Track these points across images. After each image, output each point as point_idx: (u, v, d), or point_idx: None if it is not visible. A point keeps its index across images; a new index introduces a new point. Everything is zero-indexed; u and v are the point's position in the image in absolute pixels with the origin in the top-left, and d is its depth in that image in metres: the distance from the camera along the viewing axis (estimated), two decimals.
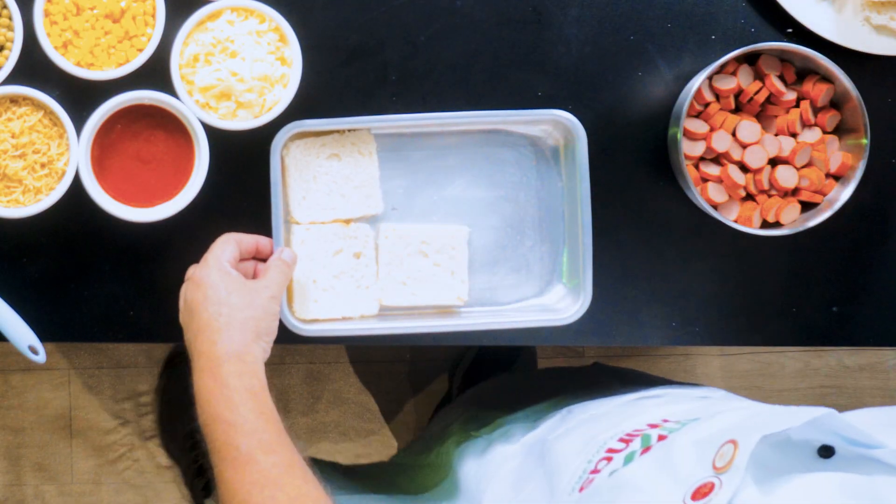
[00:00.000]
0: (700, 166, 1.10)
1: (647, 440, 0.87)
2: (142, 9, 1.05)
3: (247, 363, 0.93)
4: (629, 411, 1.02)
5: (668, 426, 0.89)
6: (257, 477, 0.86)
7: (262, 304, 0.97)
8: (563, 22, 1.12)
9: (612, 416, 1.02)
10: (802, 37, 1.12)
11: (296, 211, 1.08)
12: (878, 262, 1.16)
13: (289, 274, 1.02)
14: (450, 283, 1.10)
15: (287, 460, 0.87)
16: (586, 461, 0.90)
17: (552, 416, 1.09)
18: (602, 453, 0.89)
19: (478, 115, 1.09)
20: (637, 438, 0.88)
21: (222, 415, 0.89)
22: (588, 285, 1.08)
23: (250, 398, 0.90)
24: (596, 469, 0.88)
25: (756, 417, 0.83)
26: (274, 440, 0.88)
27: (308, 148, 1.08)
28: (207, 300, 0.95)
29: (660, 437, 0.86)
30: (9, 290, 1.10)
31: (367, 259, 1.09)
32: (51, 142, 1.04)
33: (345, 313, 1.09)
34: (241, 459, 0.87)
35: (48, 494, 2.04)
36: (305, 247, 1.08)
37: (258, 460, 0.86)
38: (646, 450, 0.86)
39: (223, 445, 0.88)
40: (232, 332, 0.94)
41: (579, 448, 0.93)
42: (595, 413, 1.05)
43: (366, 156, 1.09)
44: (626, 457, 0.86)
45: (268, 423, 0.89)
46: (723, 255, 1.15)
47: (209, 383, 0.92)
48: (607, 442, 0.91)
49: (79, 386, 2.02)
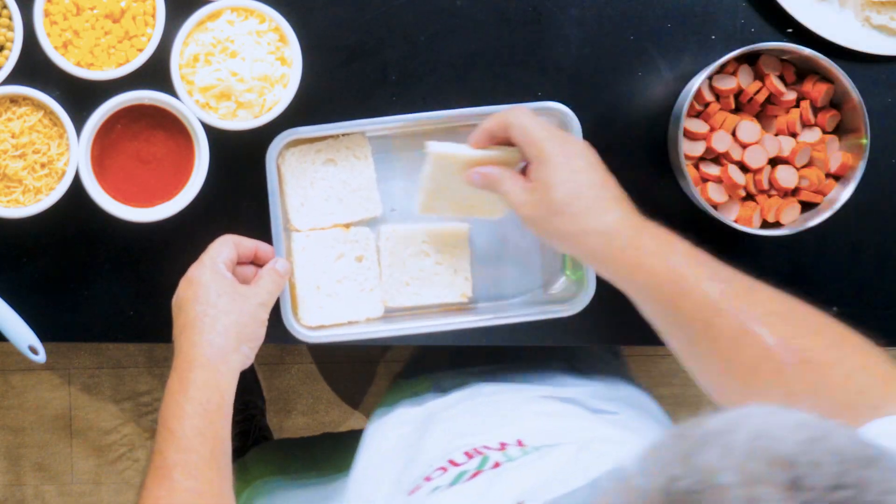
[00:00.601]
0: (700, 166, 1.10)
1: (484, 463, 0.88)
2: (142, 9, 1.05)
3: (218, 372, 0.94)
4: (509, 415, 1.03)
5: (511, 452, 0.89)
6: (165, 494, 0.88)
7: (250, 310, 0.98)
8: (563, 22, 1.12)
9: (494, 412, 1.03)
10: (802, 37, 1.12)
11: (295, 218, 1.08)
12: (878, 262, 1.16)
13: (281, 284, 1.03)
14: (453, 280, 1.10)
15: (200, 488, 0.88)
16: (428, 464, 0.92)
17: (462, 390, 1.10)
18: (443, 462, 0.91)
19: (471, 111, 1.08)
20: (478, 457, 0.89)
21: (168, 422, 0.92)
22: (591, 275, 1.08)
23: (200, 414, 0.91)
24: (430, 477, 0.89)
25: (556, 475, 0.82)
26: (200, 464, 0.89)
27: (303, 155, 1.08)
28: (196, 299, 0.97)
29: (495, 465, 0.87)
30: (9, 290, 1.10)
31: (369, 262, 1.09)
32: (51, 142, 1.05)
33: (350, 317, 1.09)
34: (162, 471, 0.89)
35: (48, 494, 2.04)
36: (307, 253, 1.08)
37: (174, 479, 0.88)
38: (476, 473, 0.86)
39: (157, 450, 0.91)
40: (214, 335, 0.95)
41: (438, 443, 0.95)
42: (492, 400, 1.06)
43: (361, 159, 1.09)
44: (456, 475, 0.87)
45: (203, 444, 0.90)
46: (723, 255, 1.14)
47: (174, 385, 0.94)
48: (453, 452, 0.91)
49: (79, 386, 2.02)
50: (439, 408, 1.07)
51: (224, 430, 0.93)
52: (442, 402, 1.08)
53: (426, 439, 0.99)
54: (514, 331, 1.12)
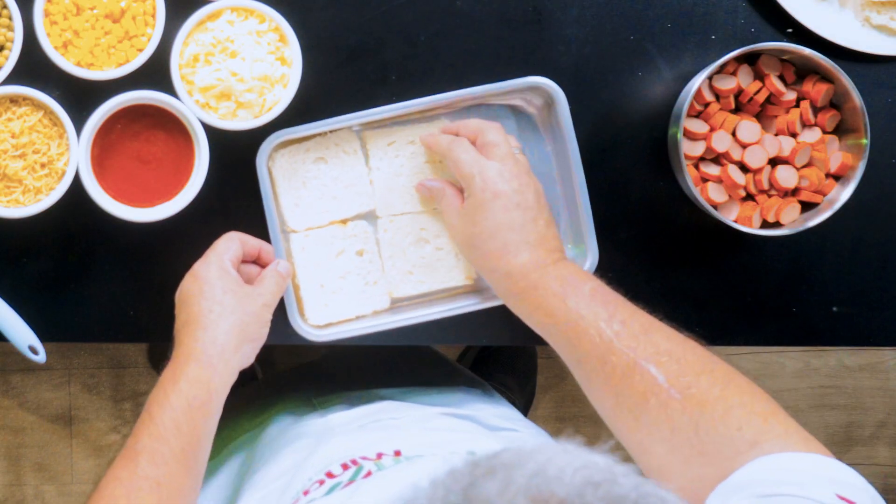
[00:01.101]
0: (700, 166, 1.10)
1: (357, 473, 0.89)
2: (142, 9, 1.05)
3: (215, 371, 0.94)
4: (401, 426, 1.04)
5: (385, 462, 0.90)
6: (125, 475, 0.89)
7: (255, 309, 0.98)
8: (563, 22, 1.12)
9: (387, 426, 1.04)
10: (802, 37, 1.12)
11: (290, 219, 1.08)
12: (878, 262, 1.16)
13: (283, 285, 1.03)
14: (456, 264, 1.10)
15: (161, 478, 0.88)
16: (308, 478, 0.92)
17: (373, 403, 1.10)
18: (321, 475, 0.91)
19: (455, 93, 1.08)
20: (353, 468, 0.90)
21: (151, 408, 0.92)
22: (593, 244, 1.08)
23: (183, 407, 0.91)
24: (307, 490, 0.90)
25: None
26: (168, 455, 0.89)
27: (293, 155, 1.08)
28: (202, 295, 0.97)
29: (367, 474, 0.88)
30: (9, 290, 1.10)
31: (371, 255, 1.09)
32: (51, 142, 1.04)
33: (357, 312, 1.09)
34: (130, 453, 0.90)
35: (48, 494, 2.04)
36: (306, 253, 1.08)
37: (138, 463, 0.89)
38: (349, 483, 0.87)
39: (134, 432, 0.92)
40: (216, 333, 0.95)
41: (323, 457, 0.95)
42: (395, 416, 1.07)
43: (351, 154, 1.09)
44: (330, 487, 0.88)
45: (178, 437, 0.90)
46: (723, 255, 1.15)
47: (167, 374, 0.94)
48: (332, 464, 0.92)
49: (79, 386, 2.02)
50: (340, 422, 1.07)
51: (204, 428, 0.93)
52: (345, 416, 1.08)
53: (315, 454, 0.98)
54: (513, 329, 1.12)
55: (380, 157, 1.09)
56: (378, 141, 1.10)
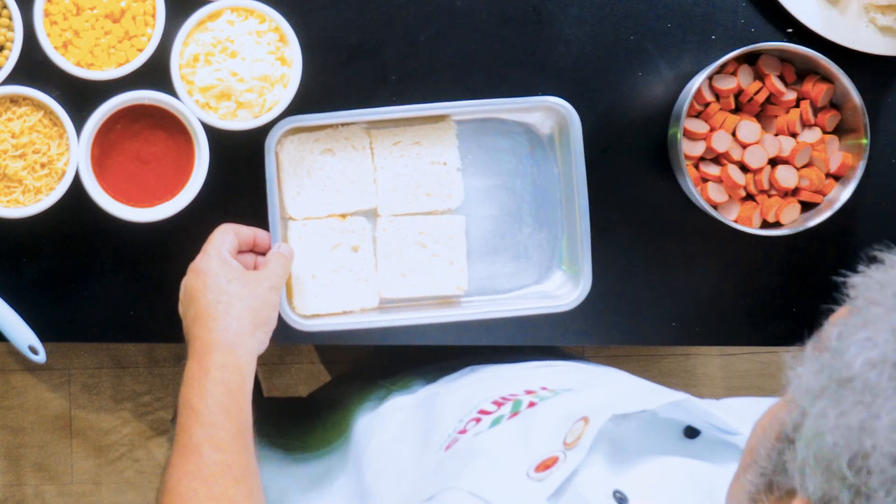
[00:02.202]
0: (700, 166, 1.10)
1: (518, 405, 0.88)
2: (142, 9, 1.05)
3: (236, 355, 0.94)
4: (519, 375, 1.03)
5: (542, 394, 0.90)
6: (193, 469, 0.88)
7: (262, 293, 0.98)
8: (563, 22, 1.12)
9: (502, 379, 1.03)
10: (802, 37, 1.12)
11: (291, 207, 1.08)
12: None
13: (288, 267, 1.03)
14: (449, 272, 1.10)
15: (229, 461, 0.89)
16: (458, 420, 0.92)
17: (456, 373, 1.09)
18: (474, 413, 0.91)
19: (471, 104, 1.09)
20: (509, 403, 0.89)
21: (191, 401, 0.91)
22: (587, 270, 1.08)
23: (223, 392, 0.91)
24: (464, 429, 0.89)
25: (616, 396, 0.84)
26: (226, 438, 0.89)
27: (302, 144, 1.08)
28: (207, 288, 0.97)
29: (530, 404, 0.88)
30: (9, 290, 1.10)
31: (366, 252, 1.09)
32: (51, 142, 1.04)
33: (345, 307, 1.09)
34: (189, 448, 0.89)
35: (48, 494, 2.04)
36: (303, 242, 1.08)
37: (202, 454, 0.88)
38: (514, 415, 0.87)
39: (181, 430, 0.91)
40: (229, 321, 0.95)
41: (458, 405, 0.95)
42: (494, 374, 1.06)
43: (359, 150, 1.09)
44: (493, 420, 0.88)
45: (228, 420, 0.90)
46: (723, 255, 1.15)
47: (194, 368, 0.94)
48: (481, 403, 0.92)
49: (79, 386, 2.02)
50: (435, 390, 1.06)
51: (247, 408, 0.93)
52: (435, 387, 1.08)
53: (439, 409, 0.98)
54: (511, 328, 1.12)
55: (384, 157, 1.10)
56: (384, 140, 1.10)
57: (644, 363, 2.00)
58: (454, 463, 0.86)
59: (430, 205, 1.10)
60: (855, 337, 0.54)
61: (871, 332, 0.53)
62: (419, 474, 0.92)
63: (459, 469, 0.83)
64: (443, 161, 1.10)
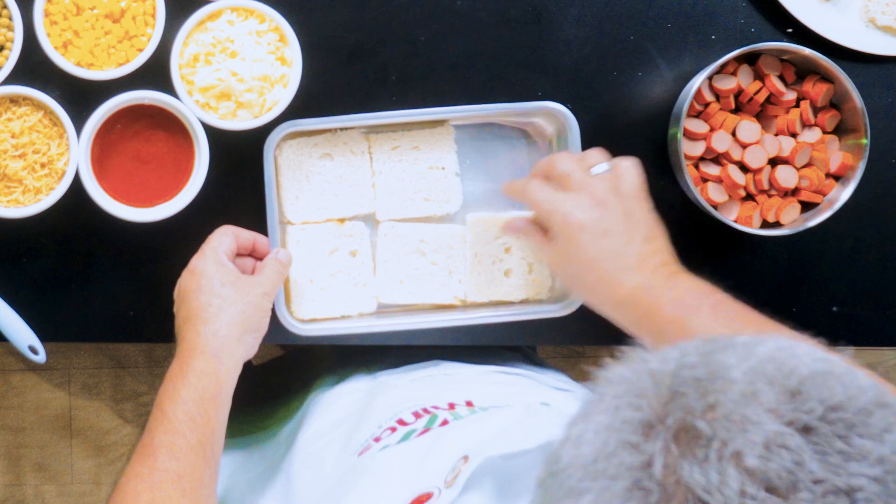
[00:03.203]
0: (700, 166, 1.10)
1: (432, 421, 0.88)
2: (142, 9, 1.05)
3: (220, 362, 0.94)
4: (461, 382, 1.03)
5: (460, 411, 0.90)
6: (145, 472, 0.88)
7: (254, 299, 0.98)
8: (563, 22, 1.12)
9: (444, 382, 1.03)
10: (802, 37, 1.12)
11: (289, 211, 1.08)
12: (878, 262, 1.16)
13: (283, 273, 1.03)
14: (447, 282, 1.10)
15: (181, 471, 0.88)
16: (377, 425, 0.92)
17: (419, 364, 1.10)
18: (392, 422, 0.91)
19: (469, 108, 1.09)
20: (426, 416, 0.89)
21: (162, 403, 0.92)
22: None
23: (195, 400, 0.92)
24: (379, 437, 0.90)
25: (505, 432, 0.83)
26: (185, 448, 0.89)
27: (300, 148, 1.08)
28: (200, 289, 0.97)
29: (443, 422, 0.87)
30: (9, 290, 1.10)
31: (364, 257, 1.09)
32: (51, 142, 1.04)
33: (343, 312, 1.09)
34: (147, 450, 0.90)
35: (48, 494, 2.04)
36: (301, 247, 1.08)
37: (157, 458, 0.89)
38: (424, 431, 0.87)
39: (147, 430, 0.91)
40: (218, 325, 0.95)
41: (389, 405, 0.95)
42: (445, 373, 1.06)
43: (358, 155, 1.09)
44: (405, 433, 0.88)
45: (192, 430, 0.90)
46: (723, 255, 1.15)
47: (174, 370, 0.94)
48: (403, 412, 0.92)
49: (79, 386, 2.02)
50: (391, 377, 1.07)
51: (217, 420, 0.93)
52: (394, 373, 1.08)
53: (375, 404, 0.99)
54: (509, 330, 1.12)
55: (383, 161, 1.10)
56: (382, 144, 1.10)
57: None
58: (352, 476, 0.87)
59: (428, 209, 1.10)
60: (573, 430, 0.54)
61: (582, 430, 0.53)
62: (331, 475, 0.93)
63: (350, 486, 0.84)
64: (441, 166, 1.10)
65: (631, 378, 0.54)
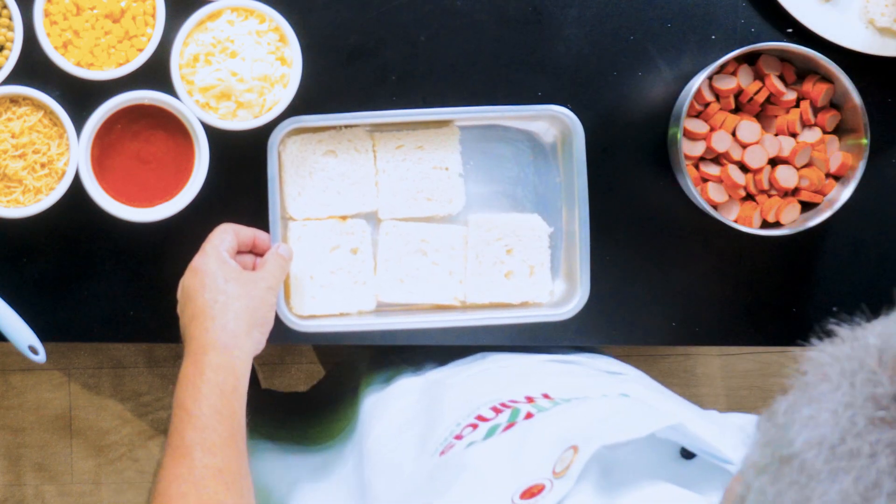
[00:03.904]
0: (700, 166, 1.10)
1: (516, 415, 0.88)
2: (142, 9, 1.05)
3: (232, 356, 0.94)
4: (525, 373, 1.03)
5: (541, 403, 0.89)
6: (184, 472, 0.88)
7: (260, 293, 0.98)
8: (563, 22, 1.12)
9: (507, 375, 1.03)
10: (802, 37, 1.12)
11: (291, 207, 1.08)
12: (878, 262, 1.16)
13: (286, 268, 1.03)
14: (447, 282, 1.10)
15: (220, 465, 0.88)
16: (455, 423, 0.92)
17: (467, 357, 1.09)
18: (471, 419, 0.90)
19: (474, 110, 1.09)
20: (507, 411, 0.89)
21: (185, 402, 0.91)
22: (585, 280, 1.08)
23: (217, 394, 0.91)
24: (460, 435, 0.89)
25: (612, 419, 0.83)
26: (218, 442, 0.89)
27: (304, 144, 1.08)
28: (204, 287, 0.97)
29: (527, 415, 0.87)
30: (9, 290, 1.10)
31: (364, 255, 1.09)
32: (51, 142, 1.04)
33: (342, 309, 1.09)
34: (181, 450, 0.89)
35: (48, 494, 2.04)
36: (302, 243, 1.08)
37: (193, 457, 0.88)
38: (510, 426, 0.86)
39: (174, 431, 0.91)
40: (226, 321, 0.95)
41: (459, 403, 0.95)
42: (501, 365, 1.06)
43: (362, 153, 1.09)
44: (489, 429, 0.87)
45: (221, 423, 0.90)
46: (723, 255, 1.15)
47: (189, 369, 0.94)
48: (480, 408, 0.91)
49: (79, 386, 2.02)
50: (443, 375, 1.06)
51: (240, 411, 0.93)
52: (444, 371, 1.08)
53: (443, 403, 0.98)
54: (508, 331, 1.12)
55: (387, 160, 1.10)
56: (386, 143, 1.10)
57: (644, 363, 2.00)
58: (445, 474, 0.86)
59: (430, 209, 1.10)
60: (799, 414, 0.53)
61: (815, 411, 0.52)
62: (414, 476, 0.92)
63: (448, 483, 0.83)
64: (445, 166, 1.10)
65: (856, 355, 0.53)
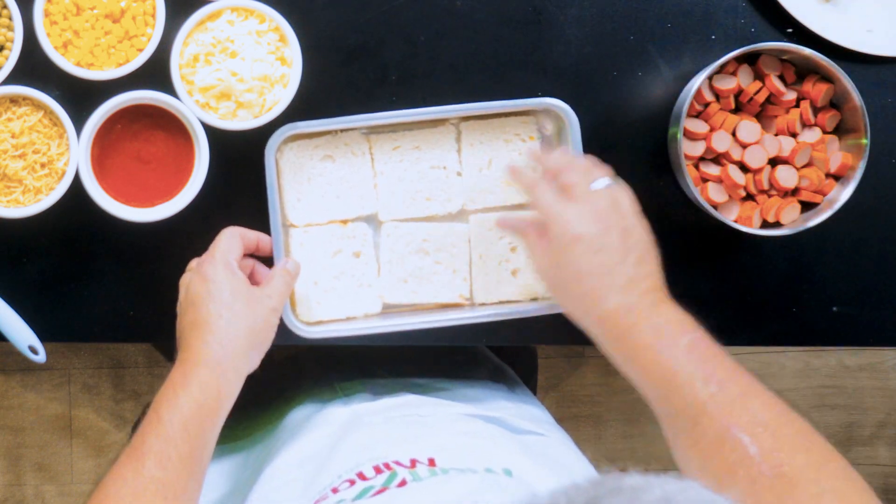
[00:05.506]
0: (700, 166, 1.10)
1: (391, 480, 0.87)
2: (142, 9, 1.05)
3: (224, 376, 0.94)
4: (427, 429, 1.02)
5: (420, 472, 0.88)
6: (130, 476, 0.88)
7: (264, 315, 0.98)
8: (563, 22, 1.12)
9: (417, 426, 1.02)
10: (802, 37, 1.12)
11: (291, 214, 1.08)
12: (878, 262, 1.16)
13: (291, 284, 1.03)
14: (451, 280, 1.10)
15: (167, 480, 0.88)
16: (338, 475, 0.91)
17: (392, 397, 1.09)
18: (352, 474, 0.90)
19: (470, 106, 1.09)
20: (386, 473, 0.88)
21: (160, 408, 0.92)
22: None
23: (193, 411, 0.91)
24: (336, 488, 0.88)
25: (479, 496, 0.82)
26: (175, 457, 0.89)
27: (301, 150, 1.08)
28: (210, 297, 0.96)
29: (401, 483, 0.86)
30: (9, 290, 1.10)
31: (367, 258, 1.10)
32: (51, 142, 1.05)
33: (348, 313, 1.09)
34: (137, 453, 0.89)
35: (48, 494, 2.04)
36: (304, 249, 1.08)
37: (145, 464, 0.88)
38: (381, 491, 0.85)
39: (140, 431, 0.91)
40: (225, 339, 0.95)
41: (355, 452, 0.94)
42: (422, 413, 1.05)
43: (359, 156, 1.09)
44: (362, 490, 0.86)
45: (185, 440, 0.90)
46: (723, 255, 1.15)
47: (177, 377, 0.94)
48: (363, 465, 0.90)
49: (79, 386, 2.02)
50: (365, 412, 1.06)
51: (210, 434, 0.92)
52: (370, 407, 1.07)
53: (345, 443, 0.98)
54: (513, 330, 1.12)
55: (384, 161, 1.10)
56: (383, 145, 1.10)
57: None
58: None
59: (430, 209, 1.10)
60: None
61: None
62: None
63: None
64: (442, 165, 1.10)
65: None
